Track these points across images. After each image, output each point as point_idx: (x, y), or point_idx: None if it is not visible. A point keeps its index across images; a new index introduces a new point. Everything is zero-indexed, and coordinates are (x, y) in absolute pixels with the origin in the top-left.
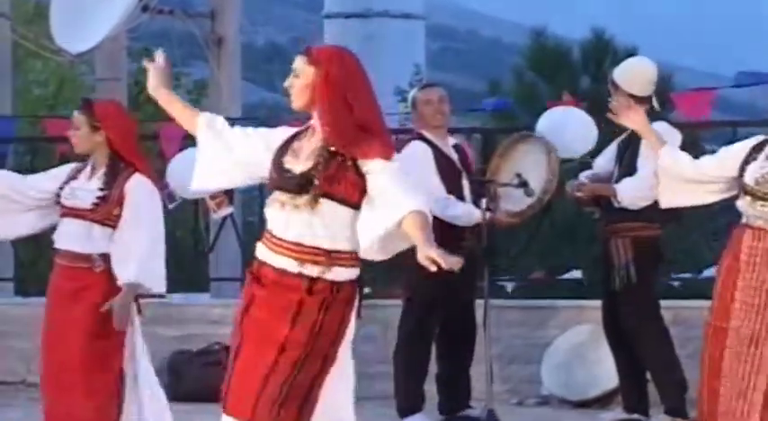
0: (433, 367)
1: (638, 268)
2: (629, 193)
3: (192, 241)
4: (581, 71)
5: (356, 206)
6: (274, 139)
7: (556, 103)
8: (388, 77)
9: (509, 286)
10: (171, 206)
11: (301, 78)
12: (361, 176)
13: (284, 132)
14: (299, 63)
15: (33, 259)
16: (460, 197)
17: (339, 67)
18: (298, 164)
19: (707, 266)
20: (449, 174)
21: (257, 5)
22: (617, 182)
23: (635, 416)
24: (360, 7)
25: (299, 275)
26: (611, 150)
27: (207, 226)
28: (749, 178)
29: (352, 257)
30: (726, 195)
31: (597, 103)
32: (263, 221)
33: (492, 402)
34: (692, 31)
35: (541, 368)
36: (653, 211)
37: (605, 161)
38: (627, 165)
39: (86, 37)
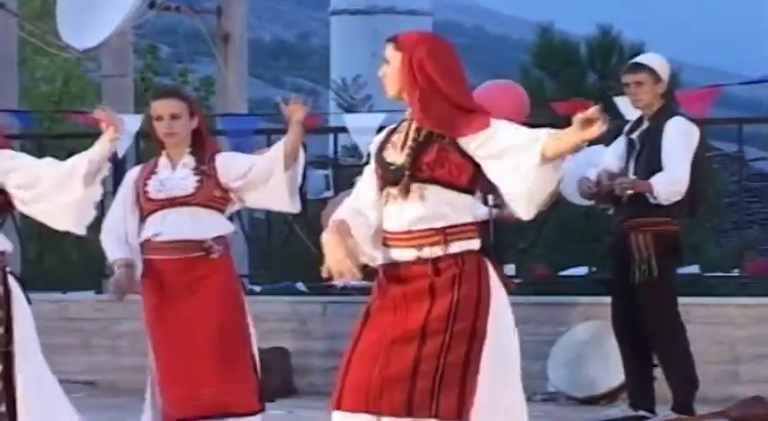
0: None
1: (658, 262)
2: (666, 189)
3: None
4: (588, 67)
5: (463, 189)
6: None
7: (562, 105)
8: None
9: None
10: None
11: (391, 65)
12: (467, 157)
13: (382, 135)
14: (389, 50)
15: (39, 255)
16: None
17: (424, 49)
18: (399, 156)
19: (712, 263)
20: None
21: (264, 2)
22: (638, 177)
23: (641, 412)
24: (366, 4)
25: (420, 261)
26: (620, 146)
27: None
28: None
29: (468, 229)
30: None
31: (603, 100)
32: (269, 218)
33: None
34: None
35: (548, 364)
36: (673, 206)
37: (614, 157)
38: (647, 160)
39: (93, 33)
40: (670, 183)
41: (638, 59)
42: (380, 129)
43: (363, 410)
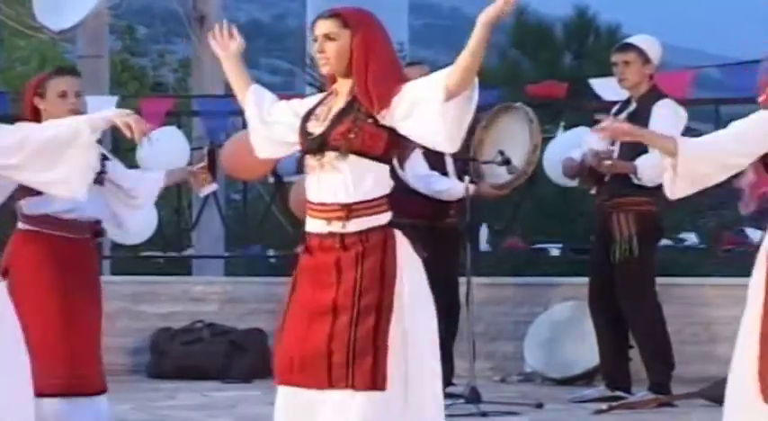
0: None
1: (639, 242)
2: (652, 171)
3: (175, 218)
4: (564, 48)
5: (378, 158)
6: (302, 107)
7: (538, 87)
8: None
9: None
10: None
11: (340, 42)
12: (381, 126)
13: (306, 103)
14: (332, 26)
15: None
16: (444, 173)
17: (371, 26)
18: (319, 126)
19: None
20: (431, 150)
21: None
22: (622, 158)
23: (618, 392)
24: None
25: (330, 234)
26: None
27: (189, 203)
28: None
29: (377, 204)
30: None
31: (579, 81)
32: (246, 199)
33: (475, 379)
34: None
35: (524, 345)
36: (655, 187)
37: (599, 139)
38: (633, 141)
39: (69, 14)
40: (657, 166)
41: (629, 39)
42: None
43: (292, 384)
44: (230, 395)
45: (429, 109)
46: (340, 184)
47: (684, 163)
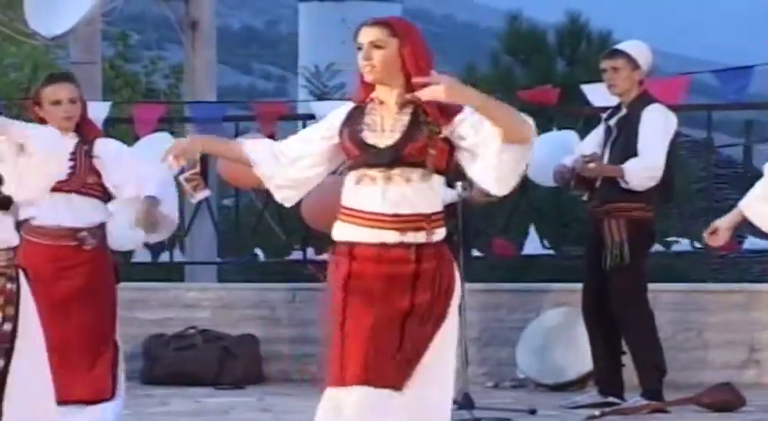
0: None
1: (631, 248)
2: (639, 174)
3: None
4: (556, 55)
5: (441, 173)
6: (330, 125)
7: (530, 93)
8: None
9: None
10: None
11: (388, 50)
12: (446, 141)
13: (339, 116)
14: (379, 34)
15: None
16: None
17: (417, 35)
18: (383, 138)
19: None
20: None
21: None
22: (612, 162)
23: (610, 398)
24: None
25: (403, 245)
26: (599, 133)
27: (182, 210)
28: None
29: (442, 216)
30: None
31: (571, 87)
32: (238, 205)
33: (468, 385)
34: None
35: (517, 351)
36: (648, 193)
37: (592, 143)
38: (623, 147)
39: (61, 21)
40: (645, 169)
41: (618, 46)
42: None
43: (364, 382)
44: (223, 401)
45: (491, 144)
46: (416, 196)
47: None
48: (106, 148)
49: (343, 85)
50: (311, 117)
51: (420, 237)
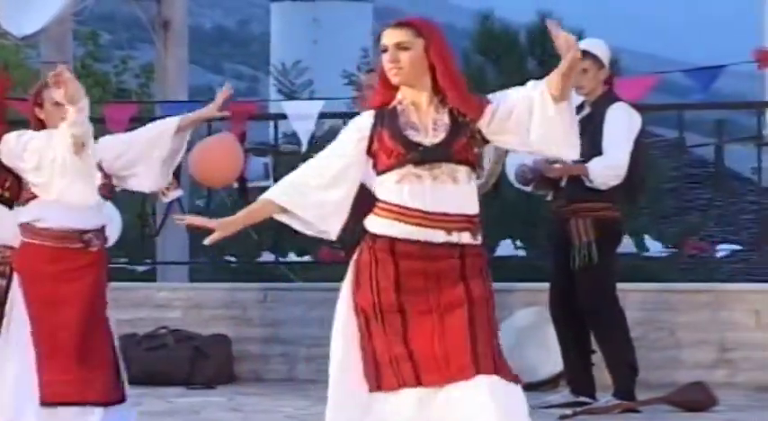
0: None
1: (598, 248)
2: (602, 173)
3: (139, 225)
4: (527, 54)
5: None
6: (362, 130)
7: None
8: (335, 61)
9: None
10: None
11: (414, 50)
12: (483, 140)
13: (366, 119)
14: (404, 36)
15: None
16: None
17: (441, 34)
18: (427, 137)
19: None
20: None
21: None
22: (575, 162)
23: (582, 398)
24: None
25: (449, 244)
26: None
27: (153, 209)
28: None
29: (480, 220)
30: None
31: None
32: (210, 205)
33: None
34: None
35: None
36: (615, 192)
37: None
38: (588, 146)
39: (32, 20)
40: (608, 167)
41: (582, 47)
42: (322, 115)
43: (427, 384)
44: (194, 401)
45: (543, 114)
46: (463, 197)
47: None
48: (105, 146)
49: (310, 83)
50: (283, 116)
51: (465, 238)
